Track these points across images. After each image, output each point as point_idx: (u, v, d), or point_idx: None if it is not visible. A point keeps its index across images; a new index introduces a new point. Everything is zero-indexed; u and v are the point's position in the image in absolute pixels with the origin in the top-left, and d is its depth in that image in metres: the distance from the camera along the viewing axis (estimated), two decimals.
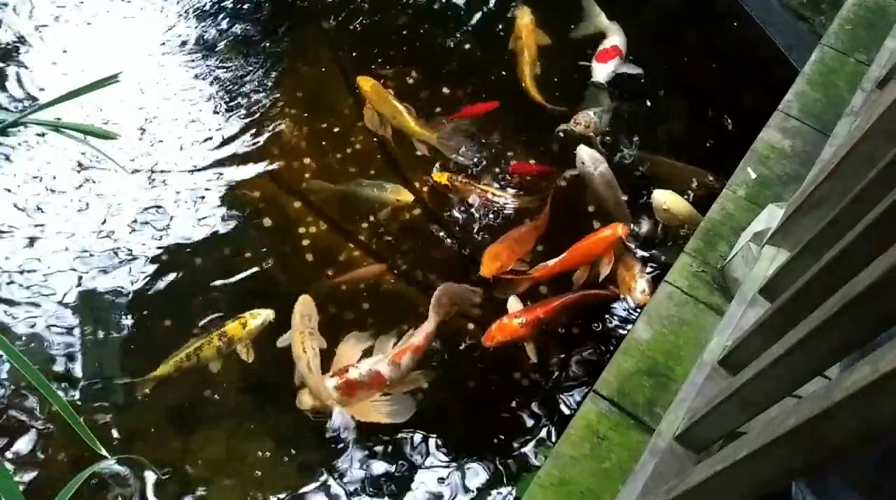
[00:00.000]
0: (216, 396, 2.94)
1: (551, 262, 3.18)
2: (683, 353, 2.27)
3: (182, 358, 2.89)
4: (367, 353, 2.95)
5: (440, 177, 3.46)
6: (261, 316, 3.01)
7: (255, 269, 3.28)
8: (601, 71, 3.85)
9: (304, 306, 3.00)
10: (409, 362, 2.86)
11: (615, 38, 3.98)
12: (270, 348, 2.98)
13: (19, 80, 3.82)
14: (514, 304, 3.10)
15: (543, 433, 2.86)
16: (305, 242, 3.36)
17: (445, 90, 3.90)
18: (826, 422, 0.94)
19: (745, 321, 1.98)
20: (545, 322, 3.00)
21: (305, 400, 2.77)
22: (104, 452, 1.59)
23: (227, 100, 3.85)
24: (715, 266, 2.47)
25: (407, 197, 3.42)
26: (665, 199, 3.27)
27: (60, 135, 2.22)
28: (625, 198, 3.40)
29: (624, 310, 3.11)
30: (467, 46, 4.11)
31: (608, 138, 3.66)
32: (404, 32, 4.17)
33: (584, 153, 3.46)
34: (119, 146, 3.52)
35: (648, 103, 3.87)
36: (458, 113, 3.72)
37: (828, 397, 0.92)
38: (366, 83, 3.76)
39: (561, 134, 3.67)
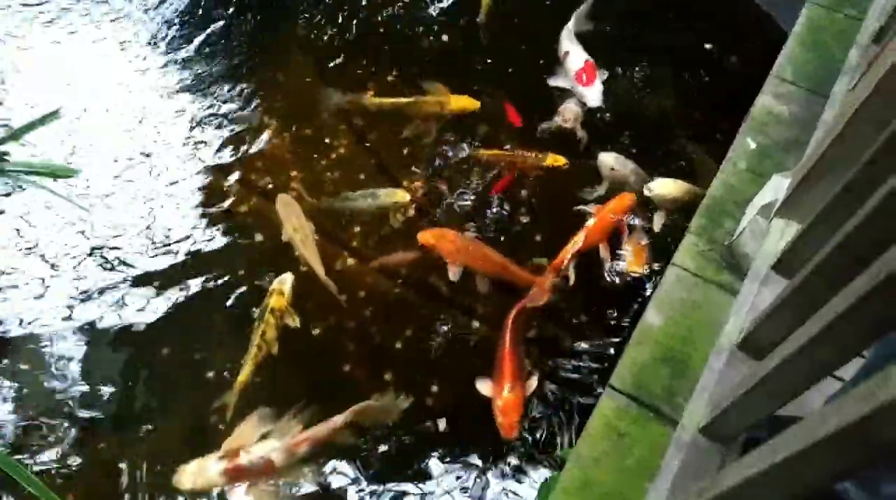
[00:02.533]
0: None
1: (570, 246, 3.10)
2: (698, 337, 2.17)
3: (255, 352, 2.91)
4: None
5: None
6: (286, 280, 3.09)
7: (246, 288, 3.19)
8: (593, 94, 3.61)
9: (285, 204, 3.23)
10: (306, 452, 2.69)
11: (574, 48, 3.74)
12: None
13: None
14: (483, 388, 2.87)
15: (563, 432, 2.79)
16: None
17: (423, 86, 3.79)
18: (874, 422, 0.84)
19: (762, 300, 1.88)
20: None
21: (184, 481, 2.62)
22: None
23: (207, 115, 3.75)
24: (722, 243, 2.38)
25: (403, 197, 3.32)
26: (663, 188, 3.21)
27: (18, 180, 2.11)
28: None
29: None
30: (445, 38, 4.01)
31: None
32: (380, 30, 4.07)
33: (610, 159, 3.37)
34: (93, 172, 3.43)
35: (632, 74, 3.77)
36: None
37: (874, 396, 0.82)
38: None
39: (546, 134, 3.57)
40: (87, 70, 3.87)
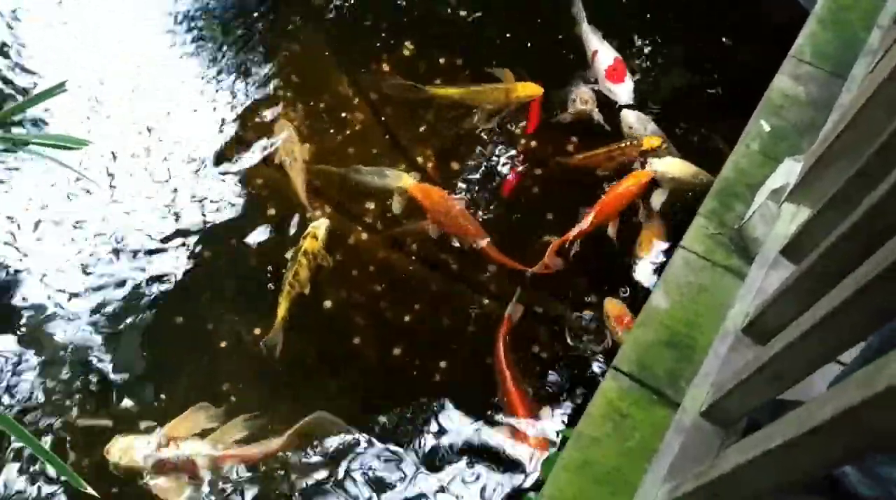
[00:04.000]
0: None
1: (584, 219, 3.10)
2: (704, 321, 2.17)
3: (288, 290, 3.01)
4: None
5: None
6: (322, 225, 3.17)
7: (261, 260, 3.22)
8: (623, 91, 3.54)
9: (281, 128, 3.42)
10: (230, 466, 2.68)
11: (602, 47, 3.64)
12: None
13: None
14: None
15: (565, 412, 2.80)
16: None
17: (441, 60, 3.76)
18: (869, 410, 0.84)
19: (769, 284, 1.87)
20: None
21: (112, 452, 2.64)
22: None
23: (223, 89, 3.74)
24: (732, 227, 2.35)
25: (407, 182, 3.30)
26: (666, 167, 3.17)
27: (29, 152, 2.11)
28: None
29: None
30: (462, 13, 3.95)
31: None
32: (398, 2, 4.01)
33: (631, 116, 3.35)
34: (114, 145, 3.45)
35: (646, 53, 3.71)
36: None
37: (870, 385, 0.82)
38: None
39: (563, 120, 3.51)
40: (100, 42, 3.86)
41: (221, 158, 3.50)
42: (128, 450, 2.65)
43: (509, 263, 3.11)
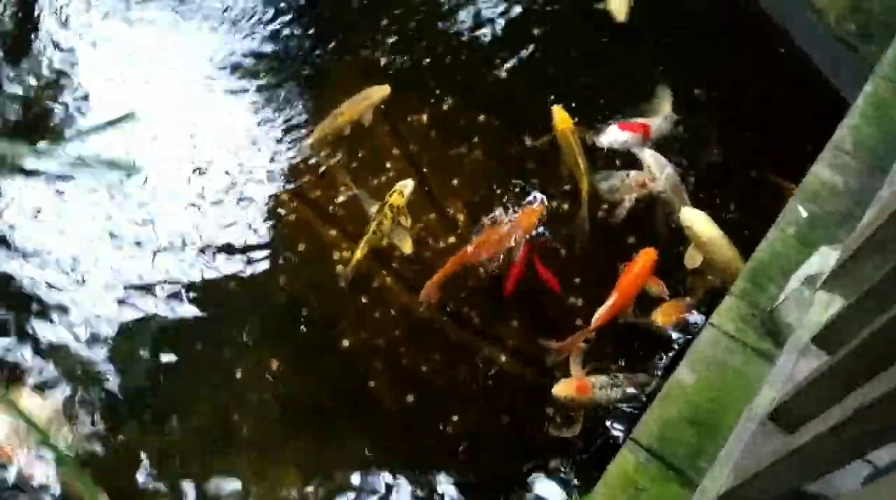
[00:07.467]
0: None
1: (603, 309, 3.02)
2: (730, 401, 2.13)
3: (370, 235, 3.26)
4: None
5: None
6: (408, 185, 3.41)
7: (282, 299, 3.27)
8: (613, 136, 3.58)
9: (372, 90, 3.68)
10: None
11: (659, 122, 3.64)
12: None
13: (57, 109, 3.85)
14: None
15: (576, 476, 2.76)
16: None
17: (481, 118, 3.82)
18: None
19: (798, 372, 1.85)
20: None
21: None
22: None
23: (270, 128, 3.83)
24: (764, 309, 2.34)
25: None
26: (694, 222, 3.16)
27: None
28: None
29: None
30: (503, 75, 4.01)
31: None
32: (441, 57, 4.10)
33: (650, 157, 3.39)
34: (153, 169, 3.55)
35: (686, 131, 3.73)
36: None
37: None
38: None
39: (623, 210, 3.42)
40: (157, 65, 4.00)
41: (260, 190, 3.58)
42: None
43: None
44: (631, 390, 2.86)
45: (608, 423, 2.89)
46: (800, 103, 3.76)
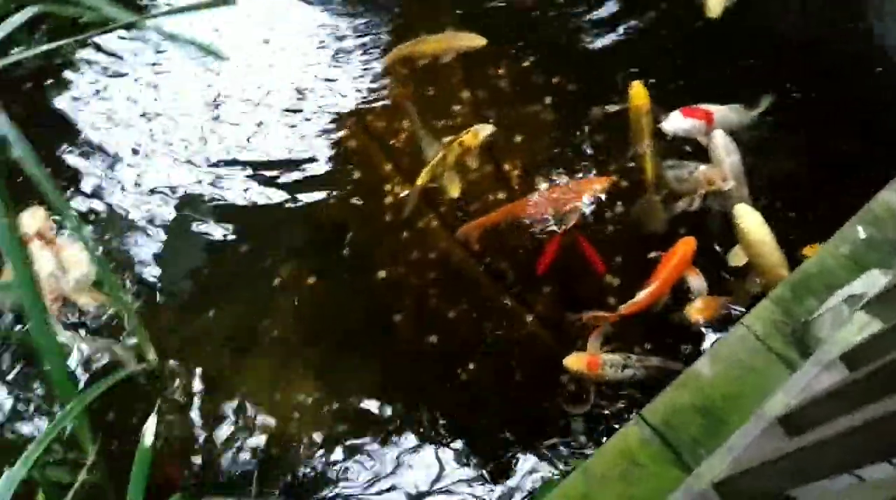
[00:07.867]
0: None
1: (640, 296, 3.00)
2: (743, 399, 2.15)
3: (432, 167, 3.31)
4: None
5: None
6: (486, 128, 3.44)
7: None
8: (675, 123, 3.46)
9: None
10: None
11: (725, 111, 3.50)
12: None
13: None
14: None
15: (578, 441, 2.81)
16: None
17: (557, 81, 3.78)
18: None
19: (818, 383, 1.86)
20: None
21: None
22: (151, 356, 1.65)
23: (343, 53, 3.87)
24: (798, 319, 2.33)
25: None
26: (744, 219, 3.09)
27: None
28: None
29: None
30: (588, 45, 3.95)
31: None
32: (531, 16, 4.05)
33: (720, 139, 3.31)
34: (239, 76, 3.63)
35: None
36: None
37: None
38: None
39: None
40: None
41: (327, 115, 3.64)
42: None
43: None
44: (642, 373, 2.86)
45: (617, 403, 2.91)
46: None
